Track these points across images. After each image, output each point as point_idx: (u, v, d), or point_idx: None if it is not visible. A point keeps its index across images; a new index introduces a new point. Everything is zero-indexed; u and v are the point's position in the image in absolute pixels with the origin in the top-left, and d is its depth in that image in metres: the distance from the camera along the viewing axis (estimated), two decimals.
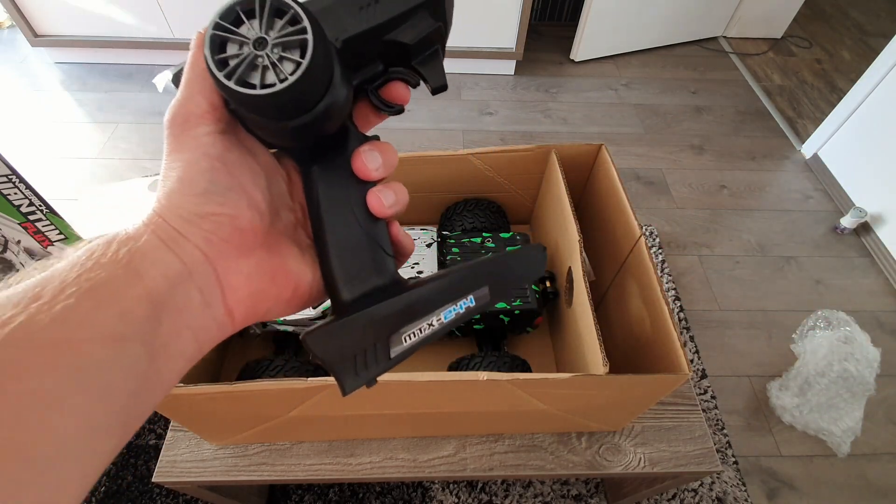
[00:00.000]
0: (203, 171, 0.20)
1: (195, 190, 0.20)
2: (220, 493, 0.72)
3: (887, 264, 1.34)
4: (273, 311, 0.23)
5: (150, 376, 0.18)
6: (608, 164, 0.67)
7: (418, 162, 0.71)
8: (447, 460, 0.61)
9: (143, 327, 0.18)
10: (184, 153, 0.20)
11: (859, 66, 1.90)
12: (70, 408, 0.15)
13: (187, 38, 1.75)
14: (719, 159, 1.64)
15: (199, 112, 0.20)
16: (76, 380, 0.16)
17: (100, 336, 0.16)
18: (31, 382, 0.15)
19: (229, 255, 0.21)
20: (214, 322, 0.21)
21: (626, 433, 0.63)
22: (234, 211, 0.20)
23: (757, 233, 1.43)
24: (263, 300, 0.22)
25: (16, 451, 0.14)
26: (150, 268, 0.18)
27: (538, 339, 0.73)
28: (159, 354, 0.18)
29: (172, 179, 0.20)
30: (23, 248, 0.74)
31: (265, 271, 0.22)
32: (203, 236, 0.20)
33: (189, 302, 0.19)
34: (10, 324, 0.15)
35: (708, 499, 0.95)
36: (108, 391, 0.17)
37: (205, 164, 0.20)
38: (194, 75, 0.20)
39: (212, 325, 0.21)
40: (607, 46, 1.99)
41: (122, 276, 0.18)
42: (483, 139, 1.68)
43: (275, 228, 0.23)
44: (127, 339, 0.17)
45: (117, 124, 1.64)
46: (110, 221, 1.24)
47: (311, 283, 0.24)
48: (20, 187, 0.72)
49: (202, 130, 0.20)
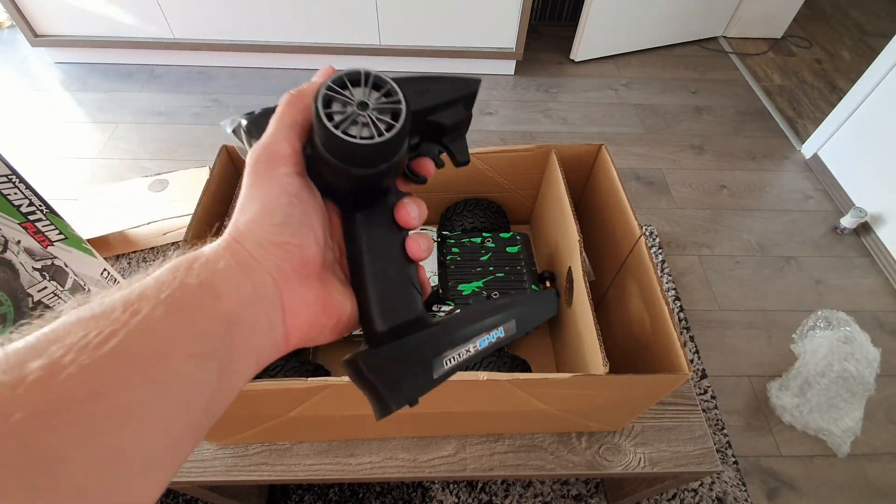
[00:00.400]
0: (282, 205, 0.22)
1: (274, 220, 0.22)
2: (220, 493, 0.72)
3: (887, 264, 1.34)
4: (319, 338, 0.25)
5: (219, 392, 0.19)
6: (608, 164, 0.67)
7: None
8: (447, 460, 0.61)
9: (219, 346, 0.19)
10: (265, 188, 0.23)
11: (859, 66, 1.90)
12: (158, 419, 0.17)
13: (187, 38, 1.76)
14: (719, 159, 1.64)
15: (283, 154, 0.23)
16: (163, 393, 0.17)
17: (184, 353, 0.18)
18: (129, 394, 0.16)
19: (294, 283, 0.23)
20: (274, 344, 0.23)
21: (626, 433, 0.63)
22: (304, 242, 0.23)
23: (757, 233, 1.43)
24: (315, 327, 0.24)
25: (116, 456, 0.16)
26: (226, 290, 0.20)
27: (538, 339, 0.73)
28: (228, 372, 0.20)
29: (253, 210, 0.22)
30: (23, 248, 0.74)
31: (319, 300, 0.24)
32: (275, 263, 0.22)
33: (257, 324, 0.21)
34: (113, 338, 0.16)
35: (708, 499, 0.95)
36: (188, 405, 0.18)
37: (284, 200, 0.22)
38: (282, 125, 0.24)
39: (271, 347, 0.23)
40: (607, 46, 1.99)
41: (202, 297, 0.19)
42: (483, 139, 1.68)
43: (325, 262, 0.25)
44: (206, 357, 0.19)
45: (117, 124, 1.64)
46: (110, 221, 1.24)
47: (350, 314, 0.26)
48: (20, 187, 0.72)
49: (283, 171, 0.23)
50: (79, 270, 0.86)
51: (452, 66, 1.88)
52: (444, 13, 1.70)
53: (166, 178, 1.35)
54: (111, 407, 0.16)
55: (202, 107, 1.72)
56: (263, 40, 1.78)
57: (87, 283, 0.89)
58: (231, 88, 1.80)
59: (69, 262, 0.84)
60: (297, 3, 1.67)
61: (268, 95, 1.78)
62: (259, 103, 0.30)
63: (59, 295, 0.81)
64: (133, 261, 1.26)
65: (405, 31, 1.76)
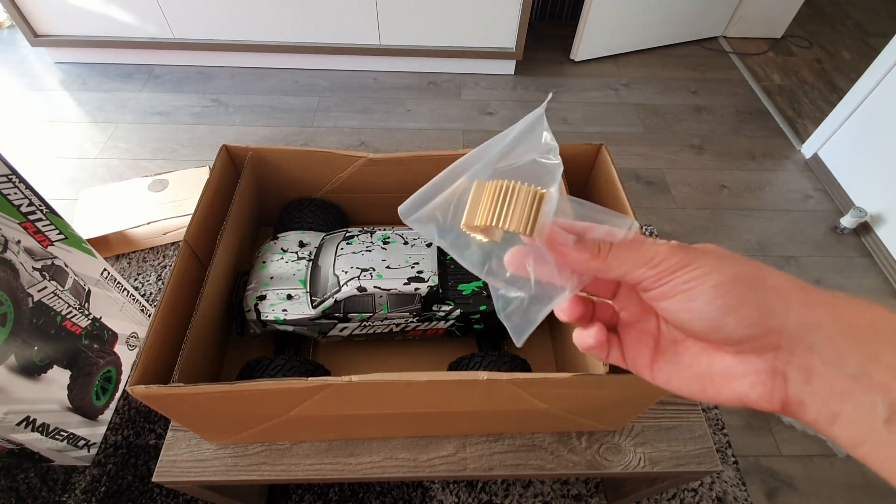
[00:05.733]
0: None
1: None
2: (220, 492, 0.72)
3: (887, 264, 1.34)
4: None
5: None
6: (608, 163, 0.67)
7: (418, 162, 0.71)
8: (447, 460, 0.61)
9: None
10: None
11: (859, 65, 1.90)
12: None
13: (187, 38, 1.76)
14: (719, 159, 1.64)
15: None
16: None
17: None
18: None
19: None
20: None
21: (626, 433, 0.63)
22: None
23: (757, 232, 1.43)
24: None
25: None
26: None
27: (538, 339, 0.73)
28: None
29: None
30: (23, 247, 0.74)
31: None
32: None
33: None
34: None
35: (708, 498, 0.95)
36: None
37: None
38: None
39: None
40: (607, 46, 1.99)
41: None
42: (483, 139, 1.65)
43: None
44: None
45: (117, 124, 1.64)
46: (110, 221, 1.24)
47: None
48: (20, 187, 0.72)
49: None
50: (79, 270, 0.86)
51: (452, 65, 1.89)
52: (444, 13, 1.70)
53: (166, 178, 1.35)
54: None
55: (202, 107, 1.72)
56: (263, 40, 1.78)
57: (87, 283, 0.89)
58: (231, 88, 1.80)
59: (69, 262, 0.84)
60: (297, 3, 1.67)
61: (268, 95, 1.78)
62: (259, 103, 0.30)
63: (59, 295, 0.81)
64: (133, 261, 1.26)
65: (405, 31, 1.76)
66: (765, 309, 0.22)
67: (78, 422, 0.89)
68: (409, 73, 1.90)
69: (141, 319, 1.07)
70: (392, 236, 0.66)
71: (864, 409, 0.19)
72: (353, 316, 0.61)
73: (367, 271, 0.61)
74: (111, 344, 0.97)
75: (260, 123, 1.68)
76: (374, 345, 0.70)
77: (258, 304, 0.62)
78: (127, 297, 1.02)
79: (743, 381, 0.23)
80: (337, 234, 0.68)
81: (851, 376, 0.20)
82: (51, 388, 0.82)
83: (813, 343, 0.21)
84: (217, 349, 0.63)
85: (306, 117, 1.71)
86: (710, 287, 0.22)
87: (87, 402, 0.91)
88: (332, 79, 1.86)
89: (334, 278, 0.61)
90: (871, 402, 0.19)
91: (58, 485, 0.92)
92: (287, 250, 0.67)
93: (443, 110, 1.76)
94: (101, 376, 0.95)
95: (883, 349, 0.19)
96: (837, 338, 0.20)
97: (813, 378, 0.21)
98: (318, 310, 0.61)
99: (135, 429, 0.99)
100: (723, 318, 0.22)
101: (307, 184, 0.75)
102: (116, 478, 0.93)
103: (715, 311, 0.22)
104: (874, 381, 0.19)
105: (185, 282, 0.55)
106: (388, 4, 1.67)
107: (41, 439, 0.81)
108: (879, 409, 0.19)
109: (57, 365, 0.83)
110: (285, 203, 0.77)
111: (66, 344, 0.84)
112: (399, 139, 1.66)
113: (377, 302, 0.61)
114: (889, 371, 0.19)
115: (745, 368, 0.23)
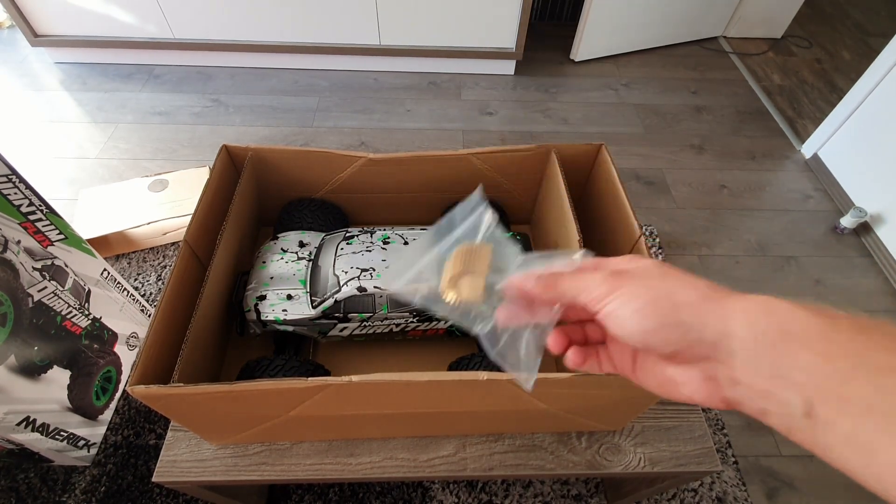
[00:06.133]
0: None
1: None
2: (220, 492, 0.72)
3: (887, 264, 1.34)
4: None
5: None
6: (608, 164, 0.67)
7: (418, 162, 0.71)
8: (447, 460, 0.61)
9: None
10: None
11: (859, 65, 1.90)
12: None
13: (187, 38, 1.76)
14: (719, 159, 1.64)
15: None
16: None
17: None
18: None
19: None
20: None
21: (626, 433, 0.63)
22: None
23: (757, 232, 1.43)
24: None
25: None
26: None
27: None
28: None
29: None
30: (23, 247, 0.74)
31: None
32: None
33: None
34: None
35: (708, 498, 0.95)
36: None
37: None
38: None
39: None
40: (607, 46, 1.99)
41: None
42: (483, 139, 1.68)
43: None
44: None
45: (117, 124, 1.64)
46: (110, 221, 1.24)
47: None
48: (20, 187, 0.72)
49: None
50: (79, 270, 0.86)
51: (452, 66, 1.89)
52: (444, 13, 1.70)
53: (166, 178, 1.35)
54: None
55: (202, 107, 1.72)
56: (263, 40, 1.78)
57: (87, 283, 0.89)
58: (231, 88, 1.80)
59: (69, 262, 0.84)
60: (297, 3, 1.67)
61: (268, 95, 1.78)
62: (259, 103, 0.30)
63: (59, 295, 0.81)
64: (133, 261, 1.26)
65: (405, 31, 1.76)
66: (681, 327, 0.24)
67: (78, 422, 0.89)
68: (409, 73, 1.90)
69: (141, 319, 1.07)
70: (392, 236, 0.66)
71: (784, 406, 0.22)
72: (353, 316, 0.61)
73: (367, 271, 0.61)
74: (111, 344, 0.97)
75: (260, 123, 1.68)
76: (374, 345, 0.70)
77: (258, 304, 0.62)
78: (127, 297, 1.02)
79: (687, 386, 0.26)
80: (337, 234, 0.68)
81: (768, 378, 0.22)
82: (51, 388, 0.82)
83: (732, 350, 0.23)
84: (217, 349, 0.63)
85: (306, 117, 1.71)
86: (631, 312, 0.25)
87: (87, 402, 0.91)
88: (332, 79, 1.86)
89: (334, 278, 0.61)
90: (788, 400, 0.22)
91: (58, 485, 0.92)
92: (287, 250, 0.67)
93: (443, 110, 1.76)
94: (101, 376, 0.95)
95: (792, 350, 0.21)
96: (751, 345, 0.23)
97: (737, 382, 0.23)
98: (318, 310, 0.61)
99: (135, 429, 0.99)
100: (648, 339, 0.25)
101: (307, 184, 0.75)
102: (116, 478, 0.93)
103: (640, 334, 0.25)
104: (789, 381, 0.21)
105: (185, 282, 0.55)
106: (388, 4, 1.67)
107: (41, 439, 0.81)
108: (797, 406, 0.21)
109: (57, 365, 0.83)
110: (285, 203, 0.77)
111: (66, 344, 0.84)
112: (399, 139, 1.66)
113: (377, 302, 0.61)
114: (801, 371, 0.21)
115: (685, 376, 0.26)
